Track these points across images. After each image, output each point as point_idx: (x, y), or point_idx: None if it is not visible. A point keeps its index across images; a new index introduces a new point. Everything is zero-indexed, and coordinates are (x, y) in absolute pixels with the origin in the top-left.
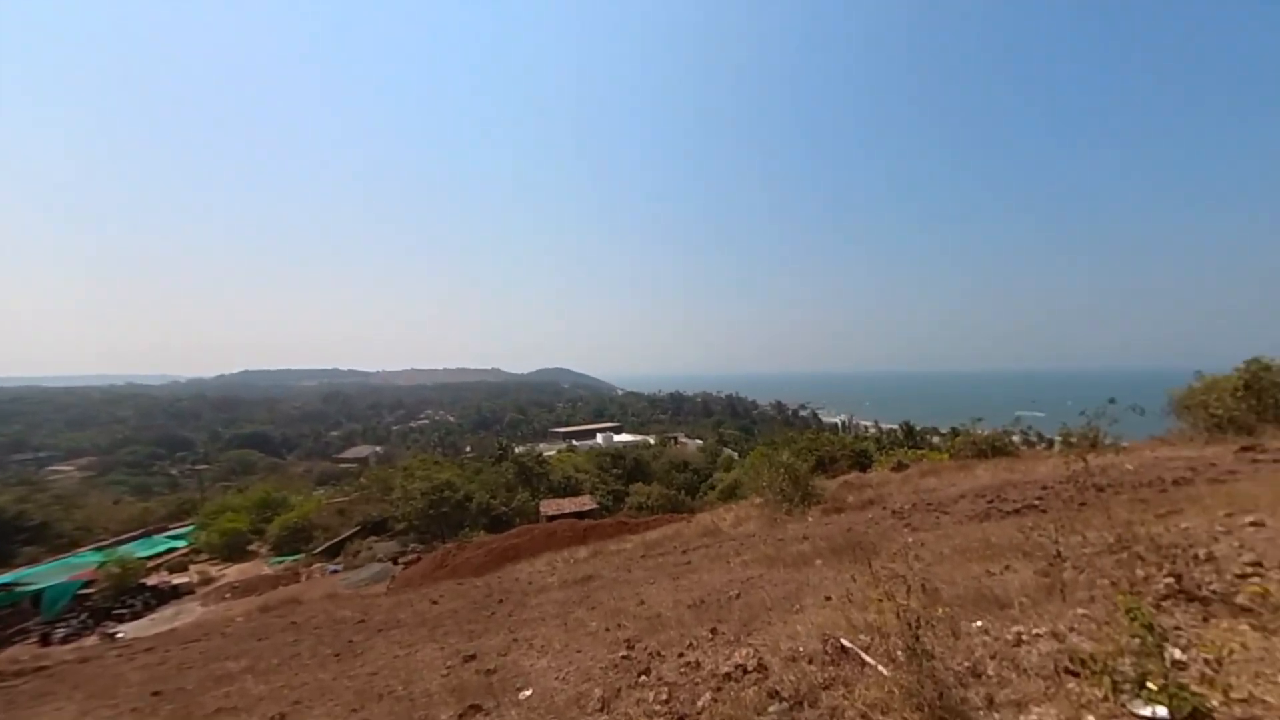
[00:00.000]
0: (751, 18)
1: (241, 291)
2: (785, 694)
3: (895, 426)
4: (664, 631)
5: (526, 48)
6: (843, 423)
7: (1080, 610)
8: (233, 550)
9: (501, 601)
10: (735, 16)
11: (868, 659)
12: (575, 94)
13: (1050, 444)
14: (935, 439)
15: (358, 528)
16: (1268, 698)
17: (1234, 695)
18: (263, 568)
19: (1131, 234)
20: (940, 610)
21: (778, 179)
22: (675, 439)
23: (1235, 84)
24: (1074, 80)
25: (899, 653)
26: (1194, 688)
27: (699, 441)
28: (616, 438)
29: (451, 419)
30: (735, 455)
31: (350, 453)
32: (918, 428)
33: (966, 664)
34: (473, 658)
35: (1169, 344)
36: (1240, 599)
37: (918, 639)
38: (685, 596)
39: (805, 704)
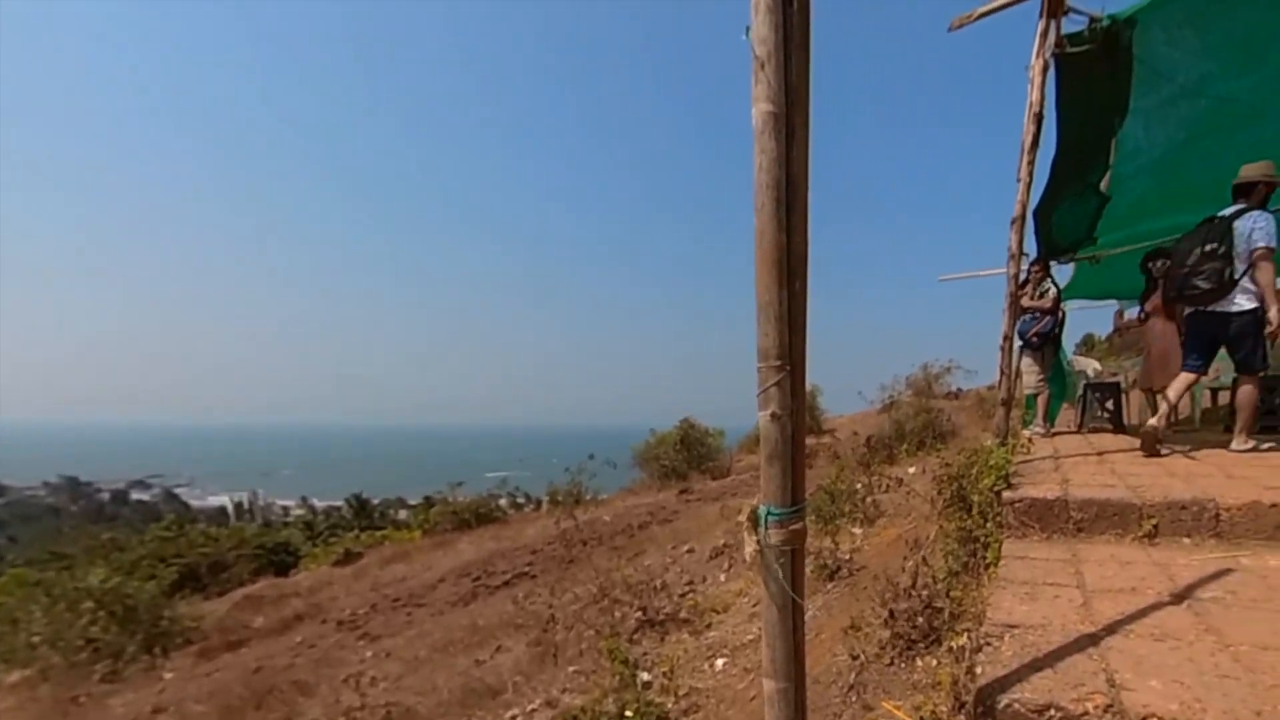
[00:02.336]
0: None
1: None
2: None
3: (340, 502)
4: None
5: None
6: (239, 505)
7: (572, 668)
8: None
9: None
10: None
11: None
12: None
13: (539, 504)
14: (403, 513)
15: None
16: (699, 684)
17: (681, 694)
18: None
19: (601, 300)
20: None
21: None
22: None
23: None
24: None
25: None
26: (657, 699)
27: None
28: None
29: None
30: None
31: None
32: (375, 501)
33: None
34: None
35: (634, 404)
36: (683, 614)
37: None
38: None
39: None
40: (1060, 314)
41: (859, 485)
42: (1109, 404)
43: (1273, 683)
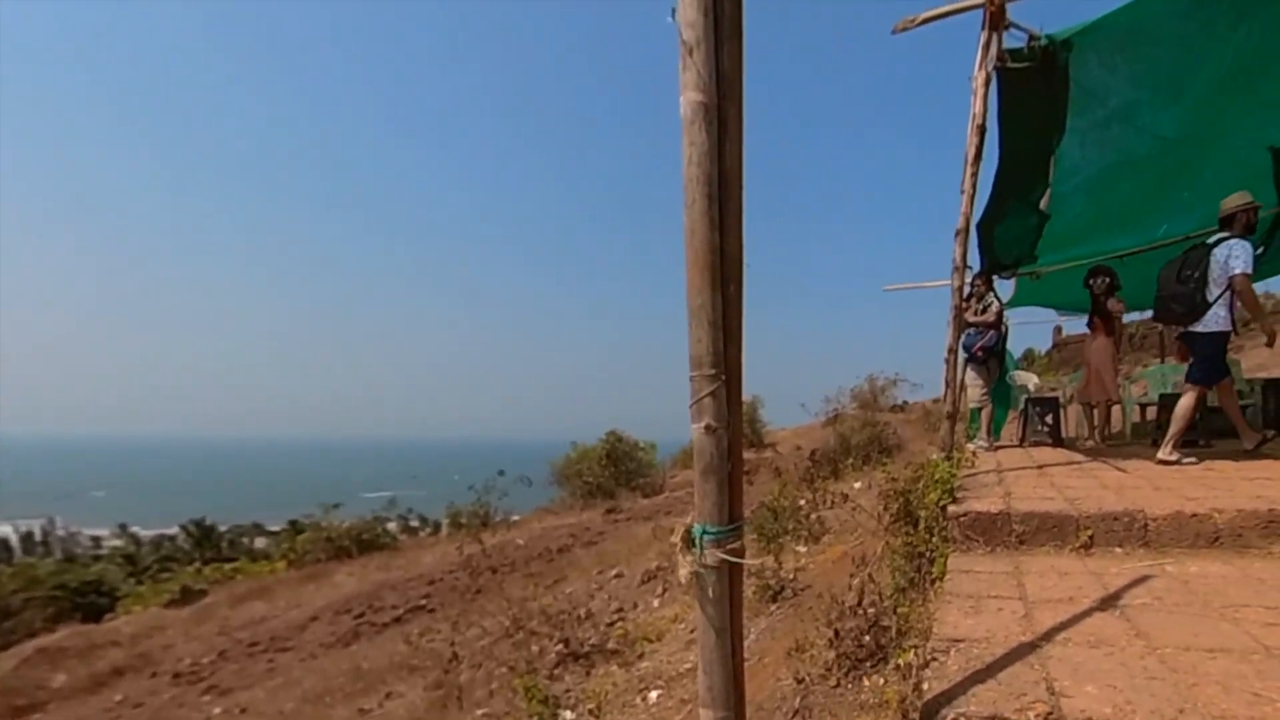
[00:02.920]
0: None
1: None
2: None
3: (174, 530)
4: None
5: None
6: (27, 535)
7: (481, 711)
8: None
9: None
10: None
11: None
12: None
13: (437, 527)
14: (261, 542)
15: None
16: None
17: None
18: None
19: (518, 300)
20: None
21: None
22: None
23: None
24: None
25: None
26: None
27: None
28: None
29: None
30: None
31: None
32: (223, 528)
33: None
34: None
35: (554, 415)
36: (611, 644)
37: None
38: None
39: None
40: (1004, 328)
41: (802, 501)
42: (1048, 418)
43: (1193, 681)
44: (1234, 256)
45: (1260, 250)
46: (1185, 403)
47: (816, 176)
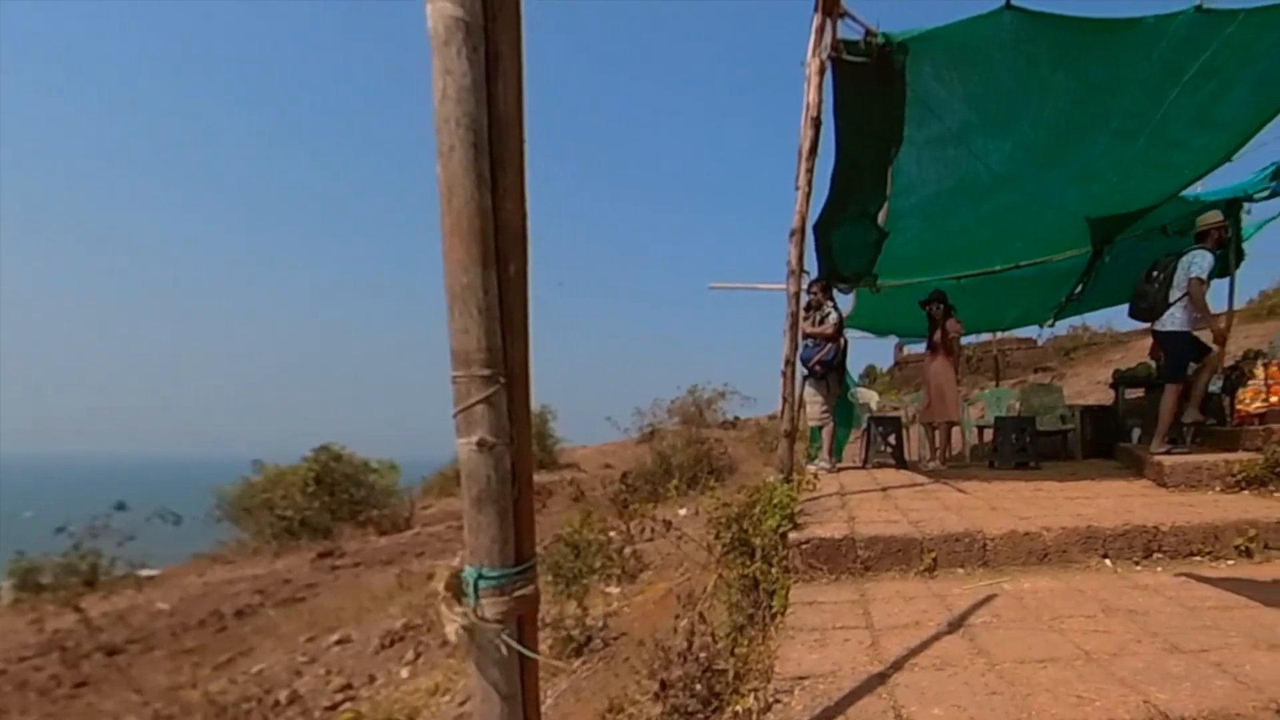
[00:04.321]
0: None
1: None
2: None
3: None
4: None
5: None
6: None
7: None
8: None
9: None
10: None
11: None
12: None
13: None
14: None
15: None
16: None
17: None
18: None
19: (168, 253)
20: None
21: None
22: None
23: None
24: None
25: None
26: None
27: None
28: None
29: None
30: None
31: None
32: None
33: None
34: None
35: (219, 423)
36: None
37: None
38: None
39: None
40: (843, 341)
41: (613, 533)
42: (891, 438)
43: (1028, 692)
44: (1194, 264)
45: (1078, 289)
46: (1167, 400)
47: (649, 152)
